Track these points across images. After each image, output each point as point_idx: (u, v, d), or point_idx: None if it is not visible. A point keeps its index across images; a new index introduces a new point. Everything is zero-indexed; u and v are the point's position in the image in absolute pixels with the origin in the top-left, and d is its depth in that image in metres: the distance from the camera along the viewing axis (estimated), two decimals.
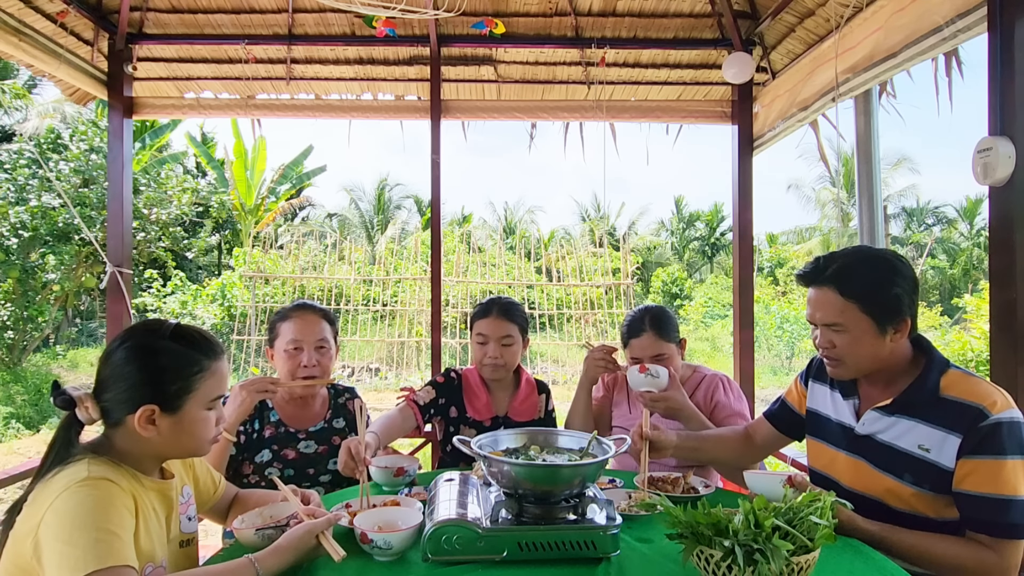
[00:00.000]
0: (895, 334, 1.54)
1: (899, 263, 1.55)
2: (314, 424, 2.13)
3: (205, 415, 1.34)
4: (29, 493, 1.20)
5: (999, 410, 1.42)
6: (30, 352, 12.65)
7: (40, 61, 3.37)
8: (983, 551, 1.42)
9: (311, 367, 2.06)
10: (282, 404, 2.13)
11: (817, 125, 3.53)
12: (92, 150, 12.17)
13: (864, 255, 1.59)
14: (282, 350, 2.07)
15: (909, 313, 1.53)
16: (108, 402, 1.28)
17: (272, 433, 2.06)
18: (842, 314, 1.54)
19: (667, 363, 2.21)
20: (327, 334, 2.13)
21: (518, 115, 4.10)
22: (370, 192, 26.17)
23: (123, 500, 1.18)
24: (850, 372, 1.62)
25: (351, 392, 2.28)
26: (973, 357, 8.74)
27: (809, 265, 1.63)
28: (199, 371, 1.32)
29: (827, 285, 1.56)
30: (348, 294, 11.51)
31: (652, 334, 2.20)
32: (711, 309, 20.84)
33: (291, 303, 2.19)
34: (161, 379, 1.28)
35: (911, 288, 1.54)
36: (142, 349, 1.30)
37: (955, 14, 2.25)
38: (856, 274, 1.54)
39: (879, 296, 1.52)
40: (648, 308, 2.29)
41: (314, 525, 1.31)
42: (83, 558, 1.06)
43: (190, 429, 1.32)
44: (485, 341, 2.28)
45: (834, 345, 1.58)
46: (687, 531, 1.21)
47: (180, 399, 1.30)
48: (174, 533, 1.37)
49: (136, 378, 1.28)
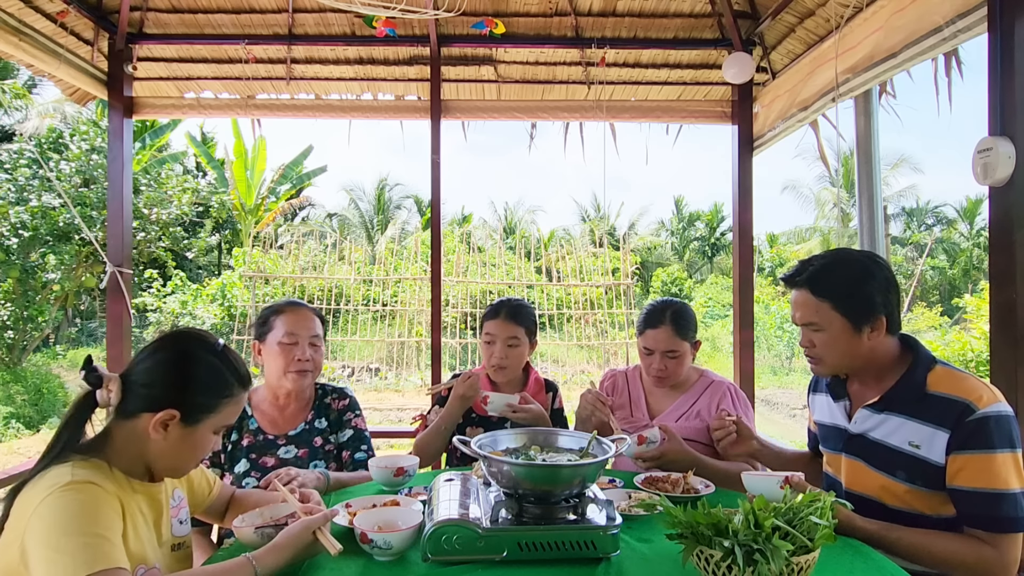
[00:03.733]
0: (872, 332, 1.58)
1: (872, 264, 1.61)
2: (294, 427, 2.07)
3: (211, 438, 1.36)
4: (15, 494, 1.18)
5: (985, 404, 1.43)
6: (30, 352, 12.66)
7: (40, 61, 3.36)
8: (982, 547, 1.42)
9: (304, 361, 2.02)
10: (263, 408, 2.09)
11: (817, 125, 3.53)
12: (93, 150, 12.18)
13: (840, 257, 1.67)
14: (275, 343, 2.03)
15: (884, 311, 1.57)
16: (134, 393, 1.29)
17: (250, 442, 2.02)
18: (817, 313, 1.61)
19: (679, 361, 2.20)
20: (320, 331, 2.11)
21: (518, 115, 4.10)
22: (370, 192, 26.17)
23: (109, 503, 1.17)
24: (829, 369, 1.69)
25: (340, 392, 2.21)
26: (973, 357, 8.74)
27: (791, 269, 1.71)
28: (228, 395, 1.34)
29: (803, 287, 1.65)
30: (348, 294, 11.52)
31: (670, 328, 2.18)
32: (711, 309, 20.86)
33: (281, 300, 2.17)
34: (195, 390, 1.30)
35: (884, 287, 1.58)
36: (191, 356, 1.32)
37: (955, 14, 2.25)
38: (830, 275, 1.62)
39: (850, 295, 1.58)
40: (670, 302, 2.26)
41: (311, 521, 1.31)
42: (72, 564, 1.06)
43: (193, 446, 1.33)
44: (492, 341, 2.32)
45: (813, 344, 1.66)
46: (687, 531, 1.21)
47: (201, 415, 1.31)
48: (165, 537, 1.36)
49: (173, 380, 1.29)
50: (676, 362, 2.21)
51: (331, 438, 2.12)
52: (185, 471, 1.40)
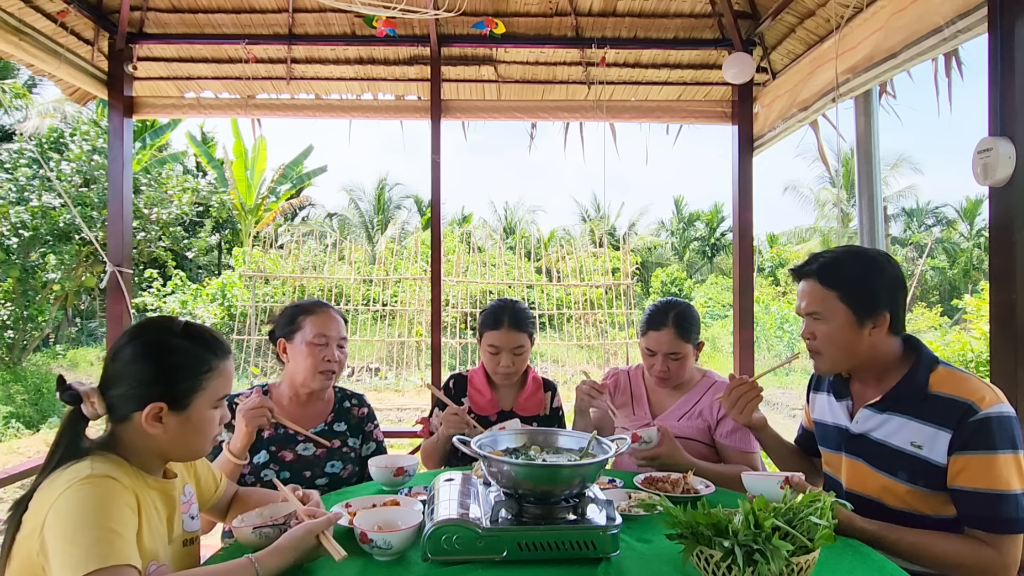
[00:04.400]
0: (873, 328, 1.59)
1: (884, 260, 1.62)
2: (314, 426, 2.13)
3: (211, 414, 1.34)
4: (34, 490, 1.19)
5: (988, 405, 1.43)
6: (30, 351, 12.66)
7: (40, 60, 3.36)
8: (982, 548, 1.42)
9: (332, 362, 2.08)
10: (283, 404, 2.13)
11: (817, 125, 3.53)
12: (93, 150, 12.18)
13: (851, 251, 1.69)
14: (305, 343, 2.06)
15: (888, 308, 1.58)
16: (115, 398, 1.27)
17: (271, 434, 2.06)
18: (822, 303, 1.63)
19: (682, 363, 2.20)
20: (346, 333, 2.18)
21: (518, 115, 4.10)
22: (370, 192, 26.16)
23: (125, 498, 1.18)
24: (828, 364, 1.69)
25: (360, 399, 2.28)
26: (973, 358, 8.73)
27: (802, 261, 1.72)
28: (208, 370, 1.32)
29: (812, 277, 1.66)
30: (348, 294, 11.51)
31: (672, 331, 2.17)
32: (711, 309, 20.85)
33: (307, 299, 2.20)
34: (172, 377, 1.28)
35: (892, 285, 1.60)
36: (154, 346, 1.30)
37: (955, 14, 2.25)
38: (839, 266, 1.63)
39: (857, 287, 1.59)
40: (673, 303, 2.23)
41: (314, 525, 1.31)
42: (84, 557, 1.06)
43: (196, 428, 1.32)
44: (497, 352, 2.29)
45: (815, 336, 1.66)
46: (687, 531, 1.21)
47: (188, 397, 1.29)
48: (177, 532, 1.37)
49: (146, 375, 1.27)
50: (679, 364, 2.21)
51: (350, 442, 2.16)
52: (203, 451, 1.38)
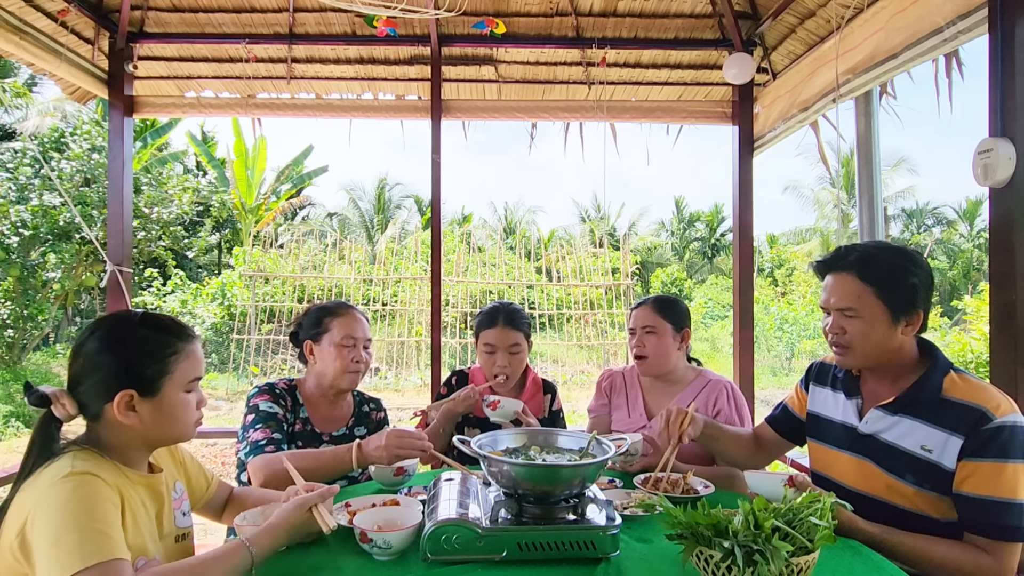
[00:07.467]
0: (907, 326, 1.56)
1: (918, 256, 1.59)
2: (338, 428, 2.15)
3: (184, 398, 1.33)
4: (14, 496, 1.18)
5: (1003, 413, 1.43)
6: (30, 350, 12.66)
7: (41, 59, 3.37)
8: (980, 555, 1.42)
9: (360, 363, 2.12)
10: (314, 402, 2.14)
11: (817, 126, 3.53)
12: (94, 149, 12.18)
13: (885, 245, 1.63)
14: (332, 345, 2.09)
15: (923, 307, 1.56)
16: (84, 395, 1.27)
17: (300, 428, 2.08)
18: (858, 299, 1.57)
19: (658, 339, 2.20)
20: (370, 335, 2.20)
21: (518, 115, 4.10)
22: (370, 192, 26.14)
23: (107, 494, 1.17)
24: (857, 360, 1.63)
25: (377, 404, 2.31)
26: (973, 358, 8.73)
27: (830, 253, 1.66)
28: (174, 353, 1.31)
29: (847, 270, 1.60)
30: (348, 293, 11.51)
31: (650, 306, 2.25)
32: (711, 309, 20.86)
33: (331, 301, 2.23)
34: (136, 364, 1.27)
35: (927, 281, 1.57)
36: (114, 338, 1.29)
37: (956, 15, 2.25)
38: (877, 260, 1.58)
39: (897, 283, 1.55)
40: (660, 294, 2.53)
41: (306, 499, 1.31)
42: (69, 560, 1.06)
43: (171, 413, 1.31)
44: (493, 351, 2.31)
45: (845, 331, 1.60)
46: (687, 532, 1.21)
47: (157, 382, 1.29)
48: (168, 528, 1.37)
49: (110, 366, 1.27)
50: (655, 339, 2.20)
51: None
52: (184, 436, 1.37)
